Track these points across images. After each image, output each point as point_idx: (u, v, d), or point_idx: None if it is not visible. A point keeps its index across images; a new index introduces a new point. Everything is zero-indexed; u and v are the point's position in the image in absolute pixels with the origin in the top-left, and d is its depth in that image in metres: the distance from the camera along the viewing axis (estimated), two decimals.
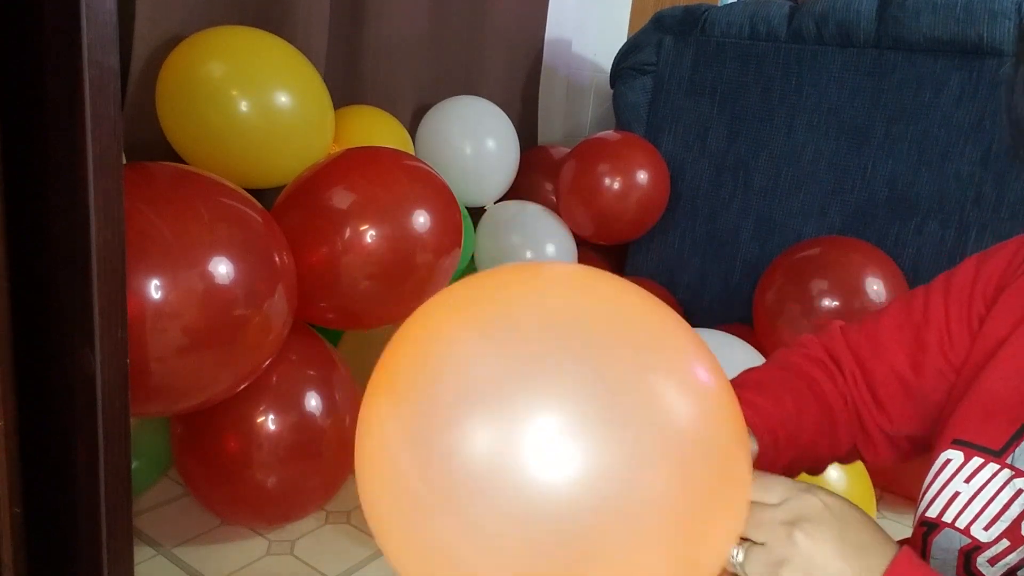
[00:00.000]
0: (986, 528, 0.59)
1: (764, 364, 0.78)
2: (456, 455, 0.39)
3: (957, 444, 0.63)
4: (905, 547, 0.50)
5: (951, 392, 0.67)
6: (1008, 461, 0.60)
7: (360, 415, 0.47)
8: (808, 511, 0.48)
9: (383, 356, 0.48)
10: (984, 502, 0.60)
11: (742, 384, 0.70)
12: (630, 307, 0.45)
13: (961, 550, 0.61)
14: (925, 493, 0.64)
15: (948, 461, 0.63)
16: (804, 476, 0.72)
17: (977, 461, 0.61)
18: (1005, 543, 0.58)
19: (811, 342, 0.77)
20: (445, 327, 0.44)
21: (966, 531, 0.60)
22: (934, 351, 0.69)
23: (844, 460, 0.76)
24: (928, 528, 0.63)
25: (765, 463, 0.63)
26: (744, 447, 0.46)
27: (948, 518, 0.62)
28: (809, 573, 0.47)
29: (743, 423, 0.47)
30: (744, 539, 0.48)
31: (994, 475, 0.60)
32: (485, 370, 0.40)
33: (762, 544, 0.48)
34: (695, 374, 0.43)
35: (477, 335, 0.42)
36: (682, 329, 0.46)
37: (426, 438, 0.40)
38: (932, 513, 0.63)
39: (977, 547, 0.60)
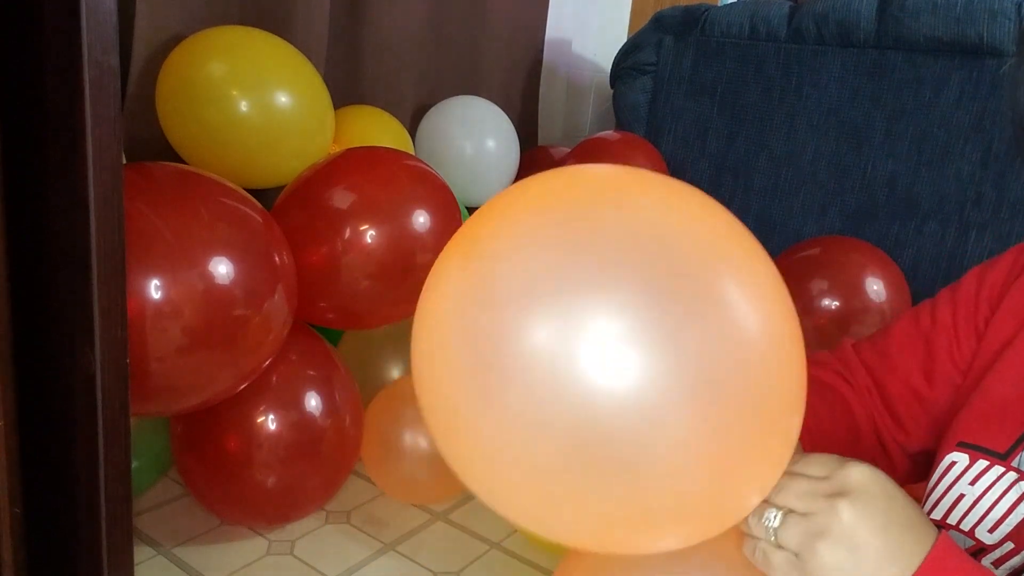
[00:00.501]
0: (991, 531, 0.59)
1: None
2: (511, 342, 0.38)
3: (962, 447, 0.63)
4: (944, 532, 0.49)
5: (957, 395, 0.67)
6: (1014, 464, 0.60)
7: (432, 269, 0.47)
8: (855, 484, 0.47)
9: (471, 218, 0.46)
10: (989, 504, 0.60)
11: None
12: (712, 223, 0.43)
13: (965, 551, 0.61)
14: (929, 495, 0.64)
15: (953, 463, 0.63)
16: None
17: (982, 464, 0.61)
18: (1010, 545, 0.58)
19: (826, 358, 0.76)
20: (525, 210, 0.42)
21: (971, 533, 0.60)
22: (943, 358, 0.69)
23: None
24: None
25: None
26: (800, 399, 0.44)
27: (953, 520, 0.62)
28: (848, 547, 0.45)
29: (804, 373, 0.45)
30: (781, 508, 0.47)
31: (999, 478, 0.60)
32: (552, 261, 0.39)
33: (802, 515, 0.46)
34: (769, 298, 0.42)
35: (552, 225, 0.40)
36: (744, 235, 0.44)
37: (483, 318, 0.39)
38: (936, 515, 0.63)
39: (982, 549, 0.60)
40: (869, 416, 0.72)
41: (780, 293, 0.43)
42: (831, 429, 0.68)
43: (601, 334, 0.37)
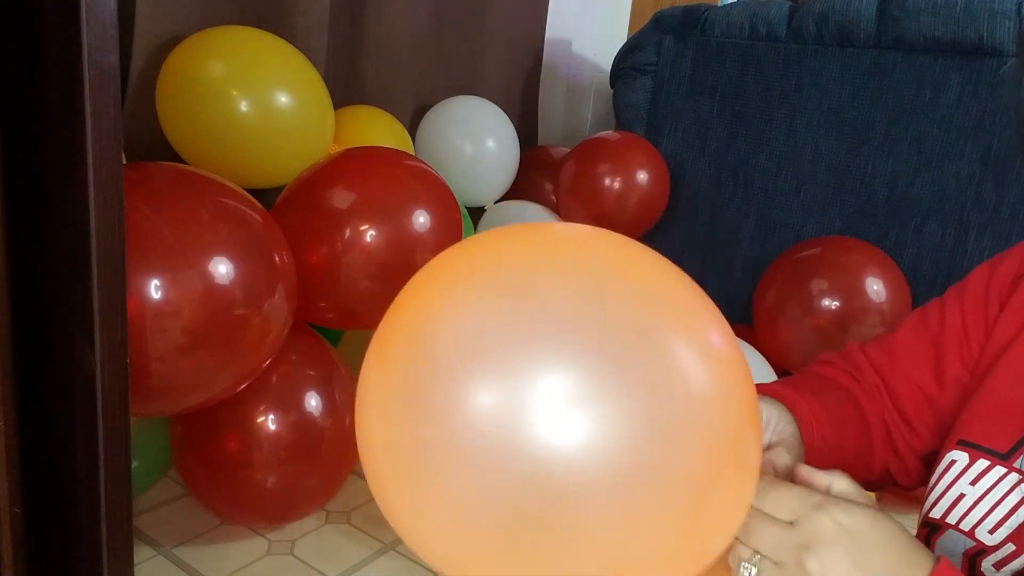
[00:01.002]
0: (991, 531, 0.59)
1: (798, 375, 0.76)
2: (458, 412, 0.37)
3: (963, 445, 0.63)
4: (942, 561, 0.47)
5: (965, 394, 0.67)
6: (1015, 465, 0.59)
7: (357, 396, 0.44)
8: (821, 535, 0.45)
9: (375, 336, 0.44)
10: (990, 505, 0.59)
11: (786, 383, 0.68)
12: (642, 267, 0.42)
13: (965, 553, 0.60)
14: (929, 494, 0.64)
15: (953, 462, 0.63)
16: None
17: (983, 464, 0.61)
18: (1011, 547, 0.58)
19: (832, 358, 0.75)
20: (439, 294, 0.41)
21: (970, 534, 0.60)
22: (952, 357, 0.68)
23: (875, 485, 0.72)
24: (931, 529, 0.63)
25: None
26: (756, 428, 0.44)
27: (952, 520, 0.61)
28: None
29: (756, 402, 0.45)
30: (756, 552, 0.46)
31: (1001, 479, 0.59)
32: (489, 328, 0.37)
33: (775, 563, 0.46)
34: (712, 341, 0.41)
35: (476, 295, 0.39)
36: (695, 291, 0.43)
37: (425, 395, 0.38)
38: (936, 514, 0.62)
39: (982, 550, 0.59)
40: (880, 416, 0.71)
41: (729, 345, 0.42)
42: (844, 431, 0.67)
43: (547, 394, 0.36)
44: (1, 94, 0.73)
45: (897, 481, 0.72)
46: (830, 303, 1.60)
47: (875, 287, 1.60)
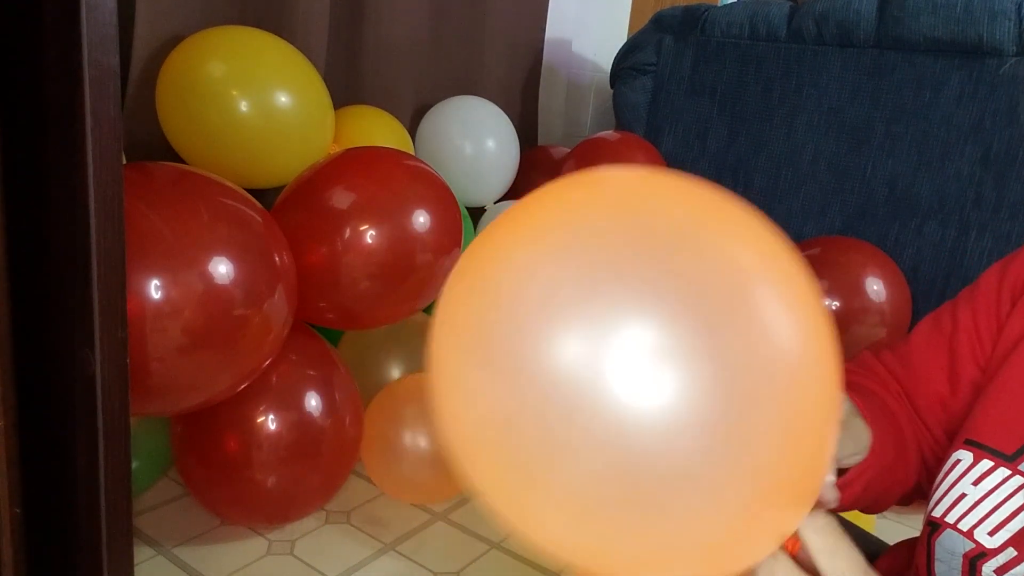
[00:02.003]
0: (991, 533, 0.58)
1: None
2: (538, 368, 0.35)
3: (969, 444, 0.62)
4: None
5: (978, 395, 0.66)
6: (1021, 468, 0.58)
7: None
8: None
9: (442, 306, 0.41)
10: (991, 507, 0.58)
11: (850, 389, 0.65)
12: (729, 216, 0.40)
13: (965, 555, 0.59)
14: (934, 492, 0.63)
15: (958, 461, 0.62)
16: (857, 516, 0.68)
17: (987, 464, 0.60)
18: (1012, 552, 0.57)
19: (853, 367, 0.74)
20: (511, 252, 0.38)
21: (969, 534, 0.59)
22: (966, 359, 0.67)
23: (906, 500, 0.70)
24: (932, 528, 0.62)
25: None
26: (831, 421, 0.40)
27: (951, 519, 0.60)
28: None
29: (837, 394, 0.40)
30: None
31: (1004, 480, 0.59)
32: (568, 278, 0.35)
33: None
34: (806, 304, 0.38)
35: (553, 248, 0.36)
36: (787, 248, 0.40)
37: (504, 352, 0.36)
38: (937, 513, 0.62)
39: (983, 554, 0.59)
40: (912, 427, 0.70)
41: (816, 307, 0.39)
42: (890, 450, 0.65)
43: (632, 349, 0.34)
44: (1, 94, 0.73)
45: (927, 492, 0.70)
46: (830, 303, 1.60)
47: (875, 287, 1.60)
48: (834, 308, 1.60)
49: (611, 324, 0.34)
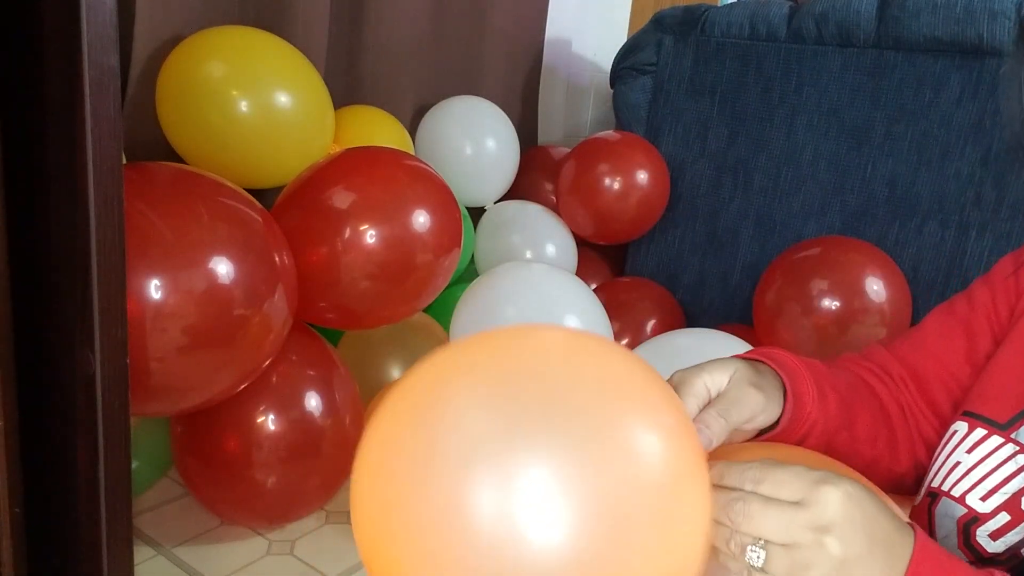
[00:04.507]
0: (983, 499, 0.59)
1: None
2: (461, 511, 0.42)
3: (966, 415, 0.63)
4: (919, 533, 0.47)
5: None
6: (1013, 436, 0.60)
7: (355, 472, 0.48)
8: (834, 513, 0.45)
9: (379, 409, 0.49)
10: (983, 473, 0.60)
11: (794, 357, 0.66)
12: (611, 367, 0.48)
13: (959, 520, 0.60)
14: (933, 463, 0.64)
15: (954, 432, 0.63)
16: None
17: (980, 432, 0.61)
18: (1005, 516, 0.58)
19: (851, 355, 0.75)
20: (447, 388, 0.47)
21: (961, 500, 0.60)
22: (984, 335, 0.67)
23: (906, 482, 0.70)
24: (932, 498, 0.63)
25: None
26: (700, 481, 0.48)
27: (946, 487, 0.62)
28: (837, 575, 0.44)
29: (702, 456, 0.48)
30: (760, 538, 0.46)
31: (997, 448, 0.60)
32: (485, 430, 0.43)
33: (783, 545, 0.45)
34: (664, 426, 0.47)
35: (477, 398, 0.45)
36: (655, 382, 0.50)
37: (434, 491, 0.43)
38: (935, 483, 0.63)
39: (975, 518, 0.60)
40: (900, 404, 0.70)
41: (682, 428, 0.48)
42: (853, 410, 0.66)
43: (537, 490, 0.41)
44: (1, 94, 0.73)
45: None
46: (830, 303, 1.60)
47: (875, 287, 1.60)
48: (834, 308, 1.60)
49: (517, 476, 0.42)
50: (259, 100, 1.36)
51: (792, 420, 0.60)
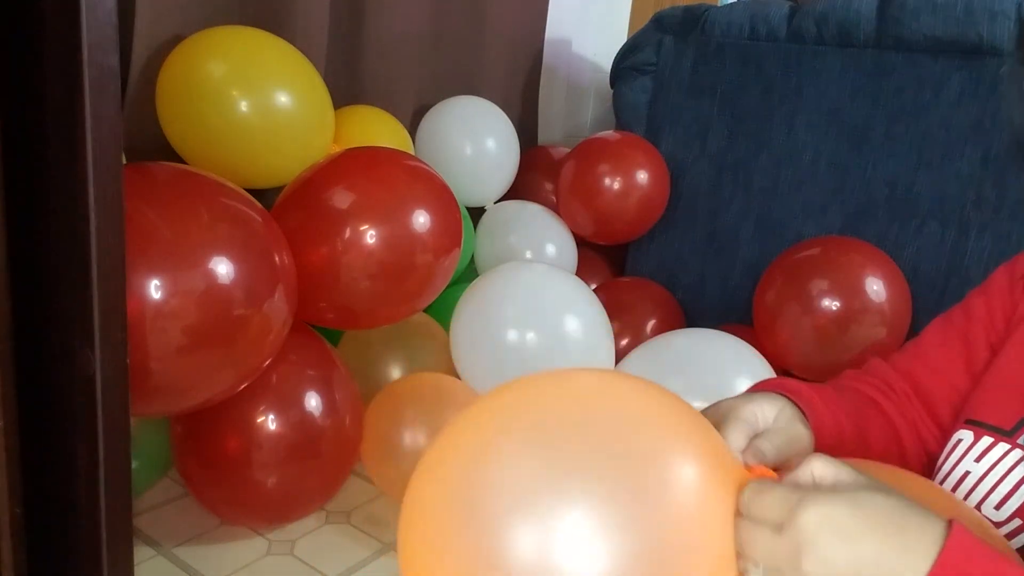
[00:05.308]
0: (997, 507, 0.60)
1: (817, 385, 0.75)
2: (504, 556, 0.44)
3: (969, 424, 0.63)
4: (955, 530, 0.44)
5: None
6: (1020, 441, 0.60)
7: (403, 517, 0.51)
8: (809, 535, 0.44)
9: (426, 457, 0.53)
10: (995, 481, 0.60)
11: (802, 383, 0.66)
12: (645, 408, 0.50)
13: None
14: (937, 473, 0.64)
15: (959, 441, 0.63)
16: None
17: (987, 441, 0.61)
18: (1018, 522, 0.58)
19: (853, 373, 0.75)
20: (488, 438, 0.49)
21: (976, 510, 0.61)
22: (982, 346, 0.68)
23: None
24: None
25: None
26: (730, 513, 0.48)
27: (958, 497, 0.62)
28: None
29: (731, 491, 0.49)
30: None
31: (1005, 455, 0.60)
32: (526, 479, 0.45)
33: (772, 569, 0.45)
34: (703, 465, 0.48)
35: (517, 447, 0.47)
36: (687, 413, 0.51)
37: (472, 542, 0.45)
38: None
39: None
40: (910, 421, 0.70)
41: (722, 464, 0.49)
42: (866, 429, 0.66)
43: (575, 530, 0.44)
44: (1, 94, 0.73)
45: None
46: (830, 303, 1.60)
47: (875, 287, 1.60)
48: (834, 308, 1.60)
49: (556, 520, 0.44)
50: (259, 100, 1.36)
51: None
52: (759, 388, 0.63)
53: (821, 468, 0.48)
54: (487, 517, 0.45)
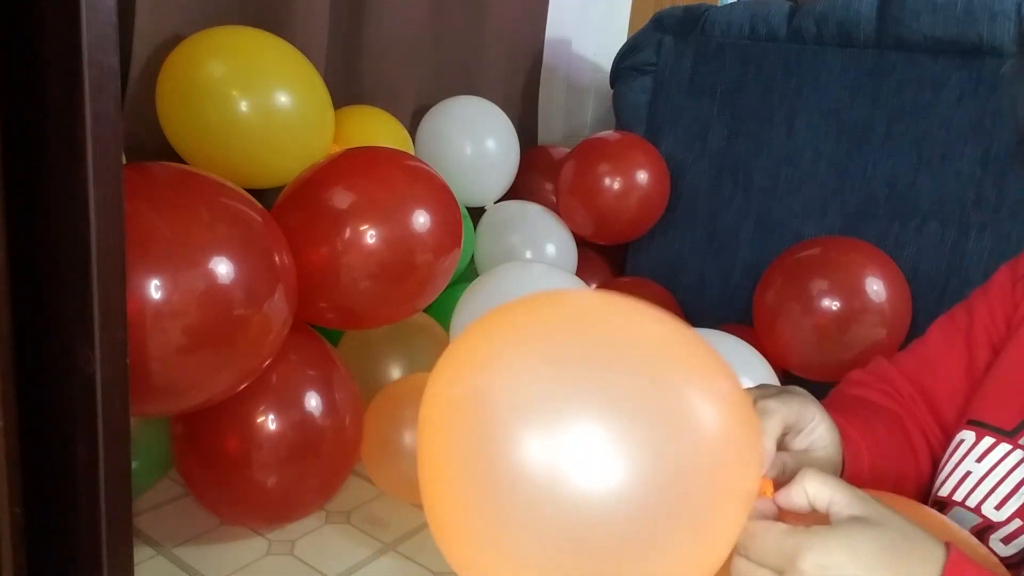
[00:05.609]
0: (997, 508, 0.60)
1: (835, 397, 0.74)
2: (513, 467, 0.44)
3: (971, 424, 0.64)
4: (952, 556, 0.44)
5: None
6: (1021, 442, 0.60)
7: (423, 407, 0.51)
8: None
9: (430, 394, 0.52)
10: (995, 481, 0.60)
11: (834, 409, 0.66)
12: (658, 328, 0.49)
13: (972, 529, 0.61)
14: (939, 473, 0.65)
15: (961, 441, 0.64)
16: None
17: (989, 441, 0.61)
18: (1018, 523, 0.59)
19: (865, 378, 0.75)
20: (499, 349, 0.49)
21: (976, 510, 0.61)
22: (984, 347, 0.68)
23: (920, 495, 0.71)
24: (939, 507, 0.64)
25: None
26: (757, 463, 0.48)
27: (958, 497, 0.62)
28: None
29: (758, 437, 0.49)
30: None
31: (1006, 455, 0.60)
32: (538, 389, 0.45)
33: None
34: (717, 387, 0.47)
35: (530, 358, 0.46)
36: (705, 348, 0.50)
37: (487, 451, 0.45)
38: (944, 492, 0.63)
39: (989, 526, 0.60)
40: (923, 434, 0.71)
41: (723, 370, 0.49)
42: (892, 457, 0.66)
43: (586, 441, 0.43)
44: (1, 94, 0.73)
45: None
46: (830, 303, 1.60)
47: (875, 287, 1.60)
48: (834, 308, 1.60)
49: (569, 425, 0.43)
50: (259, 100, 1.36)
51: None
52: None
53: (815, 488, 0.48)
54: (496, 423, 0.45)
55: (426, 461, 0.51)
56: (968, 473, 0.62)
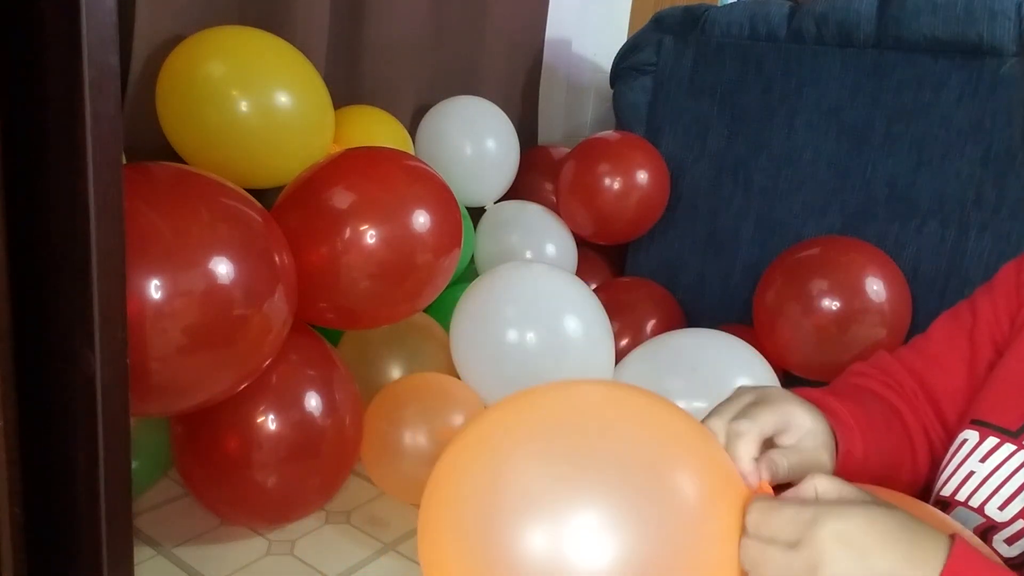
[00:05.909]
0: (1001, 508, 0.60)
1: (836, 384, 0.75)
2: (517, 557, 0.48)
3: (974, 424, 0.64)
4: (957, 545, 0.45)
5: None
6: None
7: (421, 520, 0.55)
8: (824, 551, 0.44)
9: (441, 463, 0.56)
10: (999, 482, 0.60)
11: (828, 392, 0.67)
12: (648, 415, 0.54)
13: (975, 529, 0.61)
14: (941, 473, 0.65)
15: (964, 441, 0.64)
16: None
17: (993, 441, 0.61)
18: (1022, 523, 0.59)
19: (867, 369, 0.75)
20: (499, 446, 0.53)
21: (980, 510, 0.61)
22: (986, 347, 0.68)
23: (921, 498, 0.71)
24: (941, 507, 0.64)
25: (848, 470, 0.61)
26: (736, 531, 0.50)
27: (961, 497, 0.62)
28: None
29: (739, 507, 0.50)
30: None
31: (1010, 455, 0.60)
32: (537, 483, 0.49)
33: None
34: (698, 467, 0.51)
35: (530, 454, 0.51)
36: (691, 425, 0.54)
37: (489, 543, 0.49)
38: (946, 492, 0.63)
39: (992, 527, 0.60)
40: (923, 427, 0.71)
41: (724, 476, 0.52)
42: (887, 440, 0.66)
43: (582, 528, 0.47)
44: (1, 94, 0.73)
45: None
46: (830, 303, 1.60)
47: (875, 287, 1.60)
48: (834, 308, 1.60)
49: (568, 515, 0.48)
50: (259, 100, 1.36)
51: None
52: (804, 395, 0.63)
53: (825, 485, 0.49)
54: (503, 519, 0.49)
55: (431, 545, 0.54)
56: (971, 473, 0.62)
